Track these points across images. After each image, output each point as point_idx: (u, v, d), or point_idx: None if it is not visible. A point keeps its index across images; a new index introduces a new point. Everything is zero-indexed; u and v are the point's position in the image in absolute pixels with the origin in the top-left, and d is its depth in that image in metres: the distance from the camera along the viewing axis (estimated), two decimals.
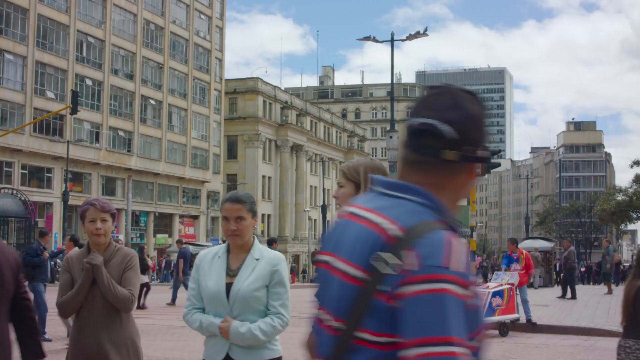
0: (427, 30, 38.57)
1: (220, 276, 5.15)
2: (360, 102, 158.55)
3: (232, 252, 5.24)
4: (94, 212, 5.86)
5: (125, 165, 76.28)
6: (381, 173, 4.24)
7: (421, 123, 2.44)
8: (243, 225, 5.13)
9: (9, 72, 65.03)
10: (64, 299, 5.80)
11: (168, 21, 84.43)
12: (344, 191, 4.40)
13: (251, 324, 5.01)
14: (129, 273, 5.91)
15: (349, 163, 4.47)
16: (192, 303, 5.24)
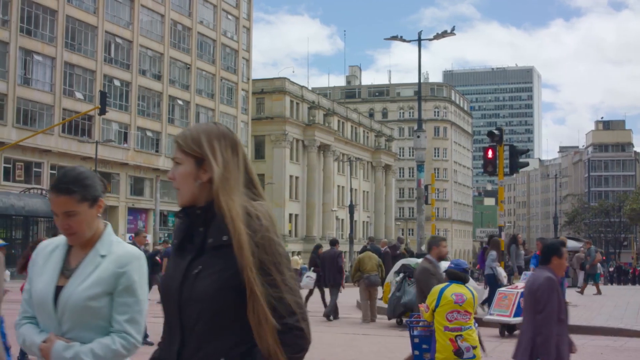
0: (455, 29, 38.48)
1: (52, 276, 3.86)
2: (387, 102, 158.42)
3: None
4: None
5: (153, 166, 76.61)
6: (230, 141, 3.40)
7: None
8: (75, 221, 3.84)
9: (38, 73, 65.47)
10: None
11: (195, 22, 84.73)
12: (182, 170, 3.35)
13: (81, 346, 3.70)
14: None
15: (186, 132, 3.41)
16: (24, 310, 3.92)
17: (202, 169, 3.31)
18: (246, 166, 3.42)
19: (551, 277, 7.67)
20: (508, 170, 26.39)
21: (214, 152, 3.31)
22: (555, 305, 7.53)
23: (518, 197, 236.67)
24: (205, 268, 3.18)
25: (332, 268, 24.12)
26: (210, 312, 3.14)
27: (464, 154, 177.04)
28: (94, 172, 4.17)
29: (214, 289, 3.14)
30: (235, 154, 3.39)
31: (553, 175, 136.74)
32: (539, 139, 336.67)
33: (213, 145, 3.33)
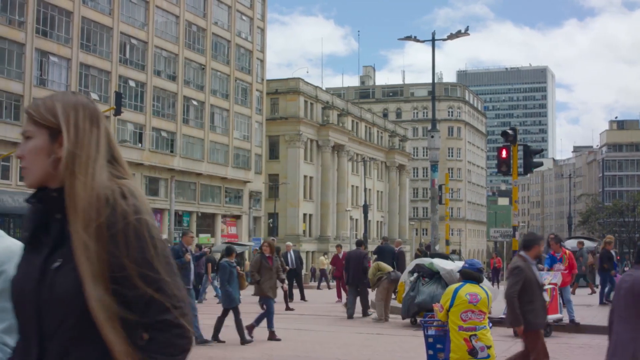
0: (468, 29, 38.54)
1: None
2: (401, 102, 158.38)
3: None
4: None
5: (168, 166, 76.84)
6: (89, 111, 2.93)
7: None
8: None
9: (54, 74, 65.77)
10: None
11: (210, 22, 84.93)
12: (33, 145, 2.85)
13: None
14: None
15: (38, 100, 2.91)
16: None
17: (58, 142, 2.84)
18: (109, 141, 3.01)
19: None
20: (522, 170, 26.45)
21: (68, 123, 2.84)
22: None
23: (532, 196, 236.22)
24: (67, 261, 2.70)
25: (357, 268, 24.29)
26: (74, 315, 2.68)
27: (478, 153, 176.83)
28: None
29: (78, 286, 2.65)
30: (96, 126, 2.92)
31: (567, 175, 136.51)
32: (553, 138, 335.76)
33: (69, 115, 2.86)
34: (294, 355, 15.55)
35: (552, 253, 21.58)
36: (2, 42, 60.49)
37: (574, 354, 16.28)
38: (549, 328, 18.81)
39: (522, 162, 26.18)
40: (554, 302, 19.13)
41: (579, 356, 15.97)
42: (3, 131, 59.73)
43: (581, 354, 16.26)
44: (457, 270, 15.82)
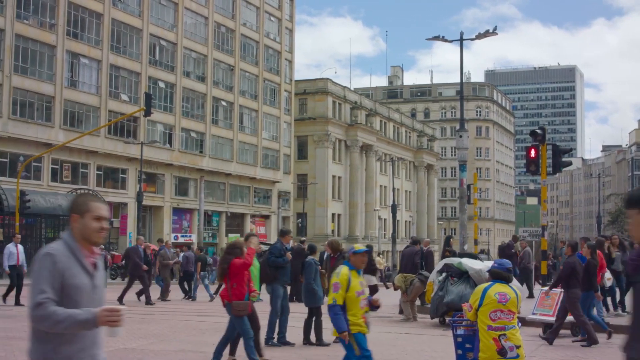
0: (496, 29, 38.52)
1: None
2: (429, 102, 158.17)
3: None
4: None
5: (198, 166, 77.24)
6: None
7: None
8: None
9: (85, 75, 66.28)
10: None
11: (238, 23, 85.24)
12: None
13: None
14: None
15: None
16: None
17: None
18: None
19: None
20: (551, 169, 26.38)
21: None
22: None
23: (561, 196, 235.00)
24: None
25: (409, 264, 24.85)
26: None
27: (507, 153, 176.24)
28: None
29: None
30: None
31: (596, 175, 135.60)
32: (581, 138, 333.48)
33: None
34: (323, 354, 15.71)
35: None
36: (34, 44, 61.09)
37: (603, 354, 16.31)
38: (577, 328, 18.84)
39: (551, 161, 26.12)
40: None
41: (608, 356, 16.00)
42: (34, 132, 60.30)
43: (610, 354, 16.27)
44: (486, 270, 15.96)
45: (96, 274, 5.17)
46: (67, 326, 4.82)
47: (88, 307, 4.98)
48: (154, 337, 17.86)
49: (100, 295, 5.22)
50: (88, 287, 5.07)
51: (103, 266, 5.33)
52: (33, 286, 4.92)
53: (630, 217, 4.51)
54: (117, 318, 4.96)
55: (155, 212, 74.70)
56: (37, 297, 4.84)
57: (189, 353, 15.20)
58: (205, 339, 17.44)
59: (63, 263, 4.95)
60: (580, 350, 16.42)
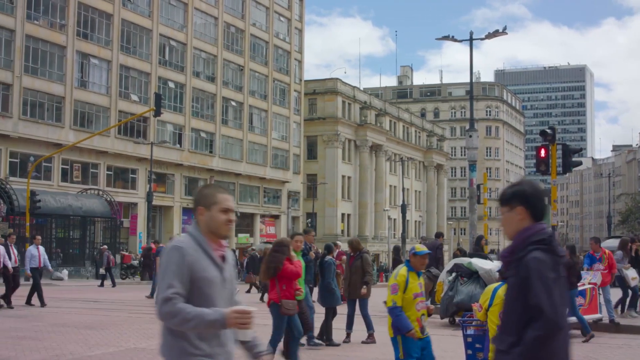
0: (506, 29, 38.47)
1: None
2: (439, 102, 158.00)
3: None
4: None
5: (207, 166, 77.34)
6: None
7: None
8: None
9: (95, 75, 66.42)
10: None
11: (248, 24, 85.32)
12: None
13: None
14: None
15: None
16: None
17: None
18: None
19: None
20: (561, 169, 26.31)
21: None
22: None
23: (571, 196, 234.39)
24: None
25: (431, 258, 24.77)
26: None
27: (516, 153, 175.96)
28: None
29: None
30: None
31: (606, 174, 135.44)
32: (591, 137, 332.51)
33: None
34: (333, 354, 15.71)
35: (591, 253, 21.53)
36: (44, 44, 61.25)
37: (614, 354, 16.27)
38: None
39: (561, 161, 26.05)
40: (594, 302, 19.11)
41: (618, 356, 15.97)
42: (45, 132, 60.46)
43: (620, 354, 16.26)
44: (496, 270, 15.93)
45: (225, 266, 5.03)
46: (195, 325, 4.69)
47: (219, 300, 4.88)
48: None
49: (231, 289, 5.08)
50: (218, 280, 4.93)
51: (233, 259, 5.22)
52: (161, 280, 4.80)
53: (502, 214, 4.83)
54: (248, 320, 4.77)
55: (165, 212, 74.83)
56: (165, 292, 4.72)
57: None
58: None
59: (192, 256, 4.83)
60: (591, 351, 16.37)
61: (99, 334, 18.31)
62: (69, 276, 52.59)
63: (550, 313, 4.34)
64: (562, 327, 4.42)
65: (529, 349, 4.35)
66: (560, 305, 4.42)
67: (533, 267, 4.45)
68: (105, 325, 20.45)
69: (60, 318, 22.32)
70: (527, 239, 4.60)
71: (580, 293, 18.75)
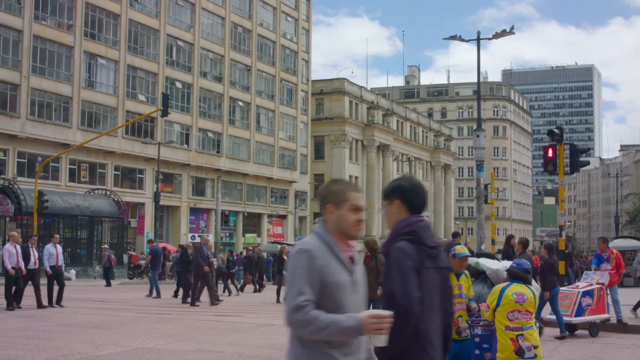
0: (514, 28, 38.42)
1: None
2: (446, 102, 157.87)
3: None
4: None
5: (215, 166, 77.37)
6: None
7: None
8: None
9: (102, 76, 66.52)
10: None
11: (255, 24, 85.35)
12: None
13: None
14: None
15: None
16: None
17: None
18: None
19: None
20: (568, 169, 26.22)
21: None
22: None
23: (578, 196, 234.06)
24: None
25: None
26: None
27: (524, 153, 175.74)
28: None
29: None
30: None
31: (614, 174, 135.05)
32: (599, 137, 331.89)
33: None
34: None
35: (599, 253, 21.46)
36: (52, 44, 61.37)
37: (621, 354, 16.23)
38: (596, 328, 18.80)
39: (569, 161, 25.95)
40: (602, 302, 19.05)
41: (626, 357, 15.93)
42: (52, 132, 60.58)
43: (628, 355, 16.21)
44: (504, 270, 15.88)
45: (355, 269, 4.67)
46: (329, 333, 4.36)
47: (350, 306, 4.54)
48: (172, 337, 17.89)
49: (362, 292, 4.72)
50: (348, 284, 4.57)
51: (360, 261, 4.85)
52: (290, 287, 4.47)
53: (384, 207, 5.13)
54: (385, 325, 4.43)
55: (173, 212, 74.89)
56: (296, 299, 4.39)
57: (207, 352, 15.21)
58: (223, 339, 17.47)
59: (321, 259, 4.50)
60: (598, 351, 16.33)
61: (106, 333, 18.32)
62: (77, 276, 52.66)
63: (401, 299, 4.61)
64: (413, 312, 4.62)
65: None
66: (413, 292, 4.65)
67: (393, 256, 4.75)
68: (112, 325, 20.47)
69: (68, 318, 22.34)
70: (400, 230, 4.89)
71: (587, 293, 18.69)
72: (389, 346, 4.56)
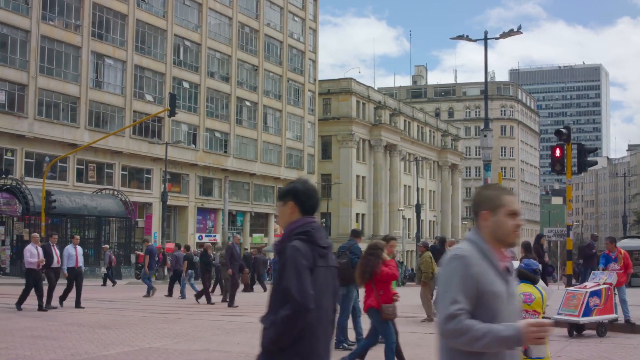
0: (521, 28, 38.35)
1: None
2: (453, 101, 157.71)
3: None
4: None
5: (222, 166, 77.43)
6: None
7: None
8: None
9: (110, 76, 66.62)
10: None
11: (262, 24, 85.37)
12: None
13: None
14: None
15: None
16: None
17: None
18: None
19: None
20: (576, 169, 26.17)
21: None
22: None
23: (586, 196, 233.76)
24: None
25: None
26: None
27: (531, 152, 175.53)
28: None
29: None
30: None
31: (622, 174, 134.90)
32: (607, 137, 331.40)
33: None
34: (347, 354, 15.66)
35: (606, 253, 21.40)
36: (59, 45, 61.48)
37: (629, 354, 16.19)
38: (603, 328, 18.75)
39: (576, 160, 25.91)
40: (609, 302, 19.00)
41: (634, 357, 15.89)
42: (60, 132, 60.69)
43: (636, 355, 16.17)
44: None
45: (510, 280, 4.46)
46: (486, 344, 4.16)
47: (505, 318, 4.30)
48: (179, 337, 17.90)
49: (516, 305, 4.52)
50: (504, 295, 4.34)
51: (513, 270, 4.59)
52: (443, 295, 4.28)
53: (278, 208, 5.32)
54: (545, 334, 4.24)
55: (180, 212, 74.94)
56: (450, 308, 4.19)
57: (214, 352, 15.21)
58: (230, 339, 17.46)
59: (477, 267, 4.28)
60: (606, 351, 16.29)
61: (113, 333, 18.34)
62: (84, 276, 52.68)
63: (298, 296, 4.71)
64: (308, 309, 4.73)
65: (279, 326, 4.73)
66: (309, 290, 4.76)
67: (289, 254, 4.86)
68: (119, 324, 20.48)
69: (75, 317, 22.37)
70: (293, 230, 5.02)
71: (595, 293, 18.64)
72: (280, 339, 4.77)
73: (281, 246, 5.01)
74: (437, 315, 4.29)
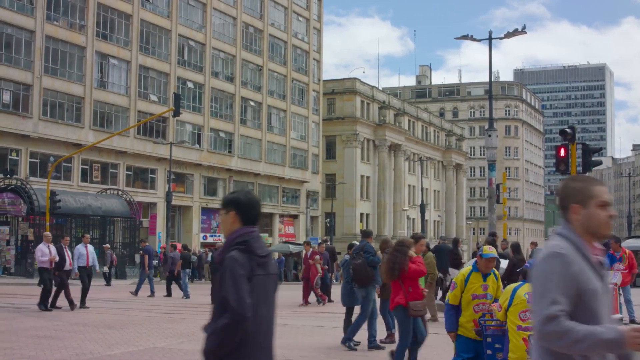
0: (525, 28, 38.35)
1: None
2: (458, 101, 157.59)
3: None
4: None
5: (226, 166, 77.46)
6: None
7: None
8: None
9: (114, 76, 66.66)
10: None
11: (267, 24, 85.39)
12: None
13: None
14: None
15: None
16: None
17: None
18: None
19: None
20: (581, 168, 26.17)
21: None
22: None
23: None
24: None
25: (443, 261, 25.28)
26: None
27: (536, 152, 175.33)
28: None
29: None
30: None
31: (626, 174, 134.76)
32: (611, 137, 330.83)
33: None
34: (352, 354, 15.70)
35: (611, 252, 21.35)
36: (64, 45, 61.53)
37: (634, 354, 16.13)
38: None
39: (581, 160, 25.93)
40: (614, 302, 18.94)
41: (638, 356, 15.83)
42: (64, 132, 60.75)
43: None
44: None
45: (605, 274, 4.30)
46: (587, 347, 3.98)
47: (604, 316, 4.17)
48: (183, 337, 17.92)
49: (611, 302, 4.33)
50: (601, 291, 4.19)
51: (606, 264, 4.45)
52: (541, 295, 4.11)
53: (220, 216, 5.52)
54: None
55: (185, 212, 74.98)
56: (549, 308, 4.03)
57: None
58: None
59: (576, 264, 4.11)
60: None
61: (118, 333, 18.37)
62: None
63: (235, 305, 4.81)
64: (246, 317, 4.83)
65: (218, 335, 4.83)
66: (246, 299, 4.87)
67: (227, 264, 4.96)
68: (124, 324, 20.52)
69: (80, 317, 22.41)
70: (233, 240, 5.14)
71: None
72: (219, 348, 4.86)
73: (223, 255, 5.11)
74: (533, 316, 4.17)
